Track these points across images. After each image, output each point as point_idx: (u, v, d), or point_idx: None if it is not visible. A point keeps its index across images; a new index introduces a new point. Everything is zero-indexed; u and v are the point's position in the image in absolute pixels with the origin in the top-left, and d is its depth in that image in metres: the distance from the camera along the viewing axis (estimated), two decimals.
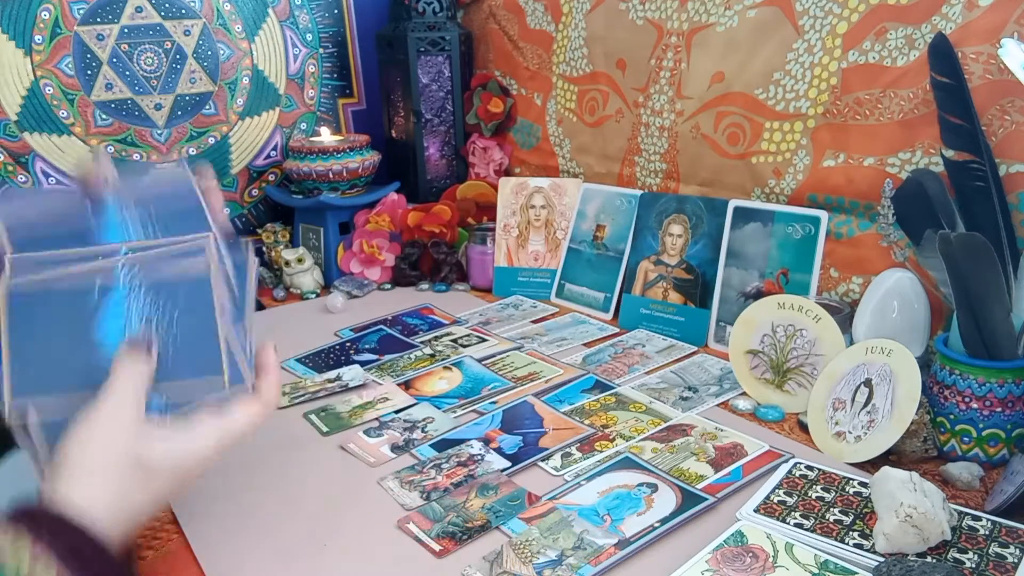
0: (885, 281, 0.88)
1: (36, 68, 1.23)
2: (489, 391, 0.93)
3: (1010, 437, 0.74)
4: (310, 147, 1.35)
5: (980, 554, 0.60)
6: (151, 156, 1.34)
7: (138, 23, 1.29)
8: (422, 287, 1.33)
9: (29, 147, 1.25)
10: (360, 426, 0.87)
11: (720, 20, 1.08)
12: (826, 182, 0.98)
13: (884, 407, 0.75)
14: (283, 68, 1.44)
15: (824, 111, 0.97)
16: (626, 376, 0.96)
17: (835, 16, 0.95)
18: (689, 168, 1.15)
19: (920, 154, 0.89)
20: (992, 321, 0.73)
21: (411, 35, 1.40)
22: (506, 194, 1.30)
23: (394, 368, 1.01)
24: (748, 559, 0.61)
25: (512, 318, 1.17)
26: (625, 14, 1.22)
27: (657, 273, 1.11)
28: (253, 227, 1.46)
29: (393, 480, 0.75)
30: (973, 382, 0.74)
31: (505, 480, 0.74)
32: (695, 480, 0.73)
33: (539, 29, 1.39)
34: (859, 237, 0.96)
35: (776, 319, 0.88)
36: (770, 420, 0.85)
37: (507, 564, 0.62)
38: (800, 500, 0.68)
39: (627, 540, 0.64)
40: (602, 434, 0.82)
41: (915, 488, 0.61)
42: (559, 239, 1.27)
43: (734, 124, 1.07)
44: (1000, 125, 0.81)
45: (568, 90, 1.34)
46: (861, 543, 0.62)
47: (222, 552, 0.66)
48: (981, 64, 0.82)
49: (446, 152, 1.51)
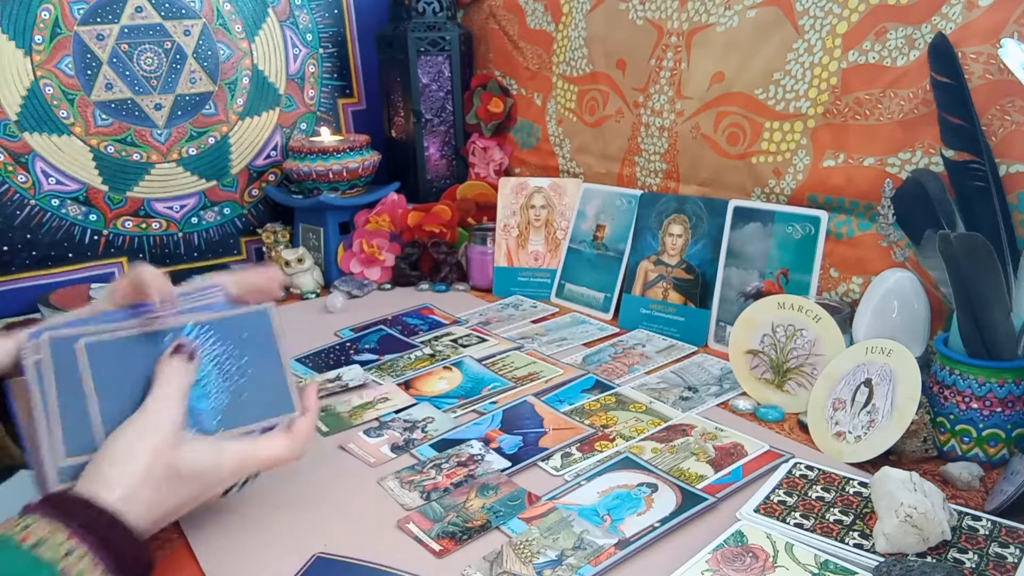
0: (885, 281, 0.88)
1: (36, 68, 1.23)
2: (489, 391, 0.93)
3: (1010, 437, 0.74)
4: (310, 147, 1.35)
5: (980, 554, 0.60)
6: (151, 156, 1.34)
7: (138, 23, 1.29)
8: (422, 287, 1.33)
9: (29, 147, 1.25)
10: (360, 426, 0.87)
11: (720, 20, 1.08)
12: (826, 182, 0.98)
13: (884, 407, 0.75)
14: (283, 68, 1.44)
15: (824, 111, 0.97)
16: (626, 376, 0.96)
17: (835, 16, 0.95)
18: (689, 168, 1.15)
19: (920, 154, 0.89)
20: (992, 321, 0.73)
21: (411, 35, 1.40)
22: (506, 194, 1.30)
23: (394, 368, 1.01)
24: (748, 559, 0.61)
25: (512, 318, 1.17)
26: (625, 14, 1.22)
27: (657, 273, 1.11)
28: (253, 227, 1.46)
29: (393, 480, 0.75)
30: (973, 382, 0.74)
31: (505, 480, 0.74)
32: (695, 480, 0.73)
33: (539, 29, 1.39)
34: (859, 237, 0.96)
35: (776, 319, 0.88)
36: (770, 420, 0.85)
37: (507, 564, 0.62)
38: (800, 500, 0.68)
39: (627, 540, 0.64)
40: (602, 434, 0.82)
41: (915, 488, 0.61)
42: (559, 239, 1.27)
43: (734, 124, 1.07)
44: (1000, 125, 0.81)
45: (568, 90, 1.34)
46: (861, 543, 0.62)
47: (222, 552, 0.66)
48: (981, 64, 0.82)
49: (446, 152, 1.51)
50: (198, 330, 0.64)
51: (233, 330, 0.65)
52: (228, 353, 0.65)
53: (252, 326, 0.66)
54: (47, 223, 1.29)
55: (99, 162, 1.30)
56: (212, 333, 0.64)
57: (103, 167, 1.31)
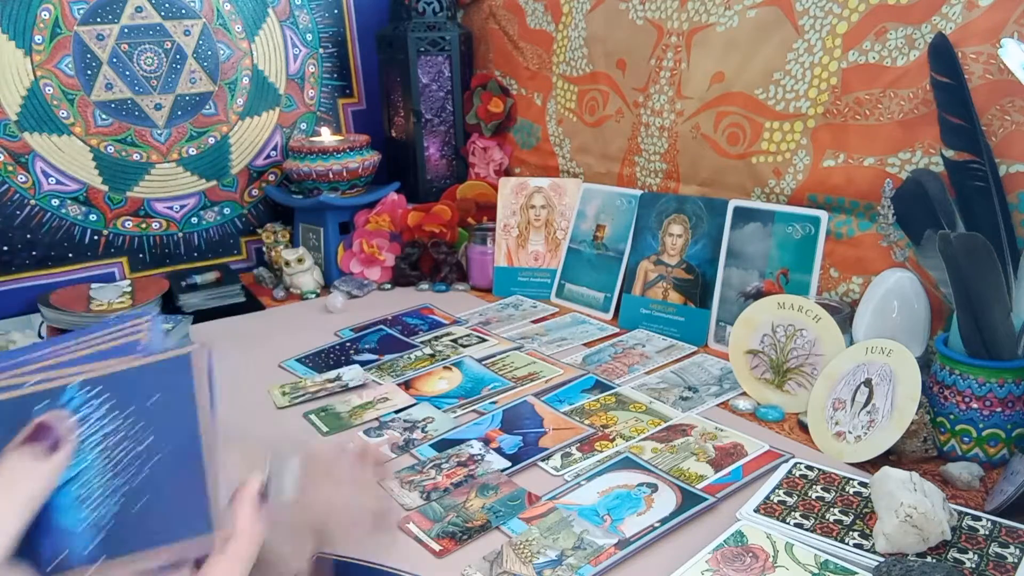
0: (885, 281, 0.88)
1: (36, 68, 1.23)
2: (489, 391, 0.93)
3: (1010, 437, 0.74)
4: (310, 147, 1.35)
5: (980, 554, 0.60)
6: (151, 156, 1.34)
7: (138, 23, 1.29)
8: (422, 287, 1.33)
9: (29, 147, 1.25)
10: (360, 426, 0.87)
11: (720, 20, 1.08)
12: (826, 182, 0.98)
13: (884, 407, 0.75)
14: (283, 68, 1.44)
15: (824, 111, 0.97)
16: (626, 376, 0.96)
17: (835, 16, 0.95)
18: (689, 168, 1.15)
19: (920, 154, 0.89)
20: (992, 321, 0.73)
21: (411, 35, 1.40)
22: (506, 194, 1.30)
23: (394, 368, 1.01)
24: (748, 559, 0.61)
25: (512, 318, 1.17)
26: (625, 14, 1.22)
27: (657, 273, 1.11)
28: (253, 227, 1.46)
29: (393, 480, 0.75)
30: (973, 382, 0.74)
31: (505, 480, 0.74)
32: (695, 480, 0.73)
33: (539, 29, 1.39)
34: (859, 237, 0.96)
35: (776, 319, 0.88)
36: (770, 420, 0.85)
37: (507, 564, 0.62)
38: (800, 500, 0.68)
39: (627, 540, 0.64)
40: (602, 434, 0.82)
41: (915, 488, 0.61)
42: (559, 239, 1.27)
43: (734, 124, 1.07)
44: (1000, 125, 0.81)
45: (568, 90, 1.34)
46: (861, 543, 0.62)
47: None
48: (981, 64, 0.82)
49: (446, 152, 1.51)
50: (85, 393, 0.40)
51: (136, 391, 0.40)
52: (125, 430, 0.40)
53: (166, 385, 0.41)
54: (47, 223, 1.29)
55: (99, 162, 1.30)
56: (105, 396, 0.40)
57: (103, 167, 1.31)
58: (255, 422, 0.88)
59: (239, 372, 0.99)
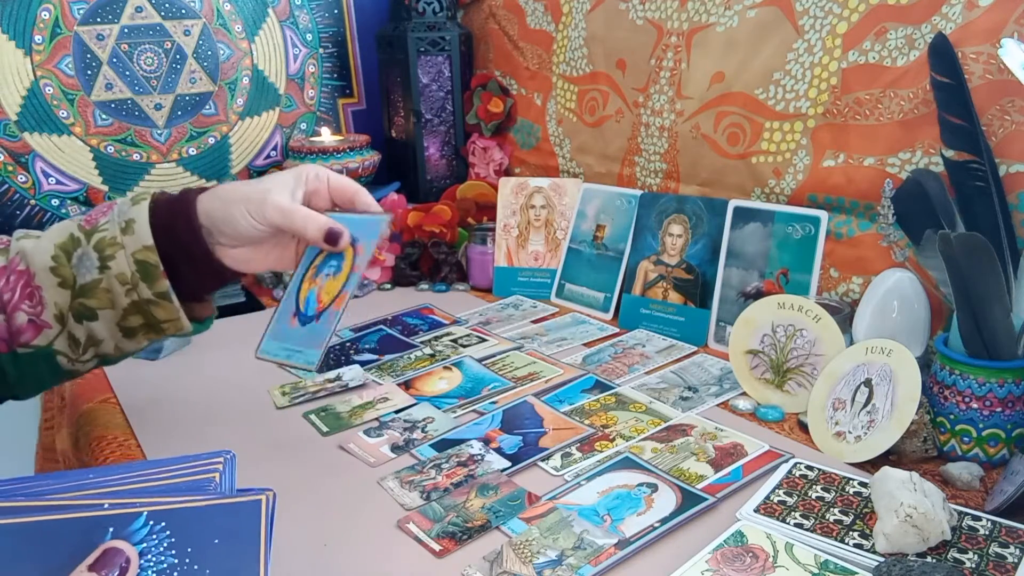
0: (885, 281, 0.88)
1: (36, 68, 1.23)
2: (489, 391, 0.93)
3: (1010, 437, 0.74)
4: (310, 147, 1.35)
5: (980, 554, 0.60)
6: (151, 156, 1.34)
7: (138, 23, 1.29)
8: (422, 287, 1.33)
9: (29, 147, 1.25)
10: (360, 426, 0.87)
11: (720, 20, 1.08)
12: (826, 182, 0.98)
13: (884, 407, 0.75)
14: (283, 68, 1.44)
15: (824, 111, 0.97)
16: (626, 376, 0.96)
17: (835, 16, 0.95)
18: (689, 168, 1.15)
19: (920, 154, 0.89)
20: (992, 321, 0.73)
21: (411, 35, 1.40)
22: (506, 194, 1.30)
23: (394, 368, 1.01)
24: (748, 559, 0.61)
25: (512, 318, 1.17)
26: (625, 14, 1.22)
27: (657, 273, 1.11)
28: None
29: (393, 480, 0.75)
30: (973, 382, 0.74)
31: (505, 480, 0.74)
32: (695, 480, 0.73)
33: (539, 29, 1.39)
34: (859, 237, 0.96)
35: (776, 319, 0.88)
36: (770, 420, 0.85)
37: (507, 564, 0.62)
38: (800, 500, 0.68)
39: (627, 540, 0.64)
40: (602, 434, 0.82)
41: (915, 488, 0.61)
42: (559, 239, 1.27)
43: (734, 124, 1.07)
44: (1000, 125, 0.81)
45: (568, 90, 1.34)
46: (861, 543, 0.62)
47: None
48: (981, 64, 0.82)
49: (446, 152, 1.51)
50: (151, 525, 0.40)
51: (200, 531, 0.40)
52: (179, 568, 0.40)
53: (230, 530, 0.40)
54: (47, 223, 1.29)
55: (99, 162, 1.30)
56: (168, 532, 0.40)
57: (103, 167, 1.31)
58: (255, 422, 0.88)
59: (239, 372, 0.99)
